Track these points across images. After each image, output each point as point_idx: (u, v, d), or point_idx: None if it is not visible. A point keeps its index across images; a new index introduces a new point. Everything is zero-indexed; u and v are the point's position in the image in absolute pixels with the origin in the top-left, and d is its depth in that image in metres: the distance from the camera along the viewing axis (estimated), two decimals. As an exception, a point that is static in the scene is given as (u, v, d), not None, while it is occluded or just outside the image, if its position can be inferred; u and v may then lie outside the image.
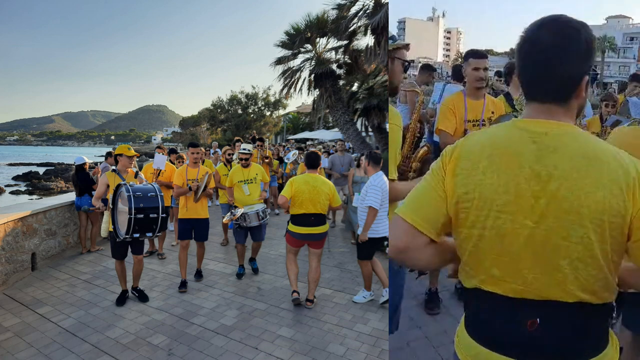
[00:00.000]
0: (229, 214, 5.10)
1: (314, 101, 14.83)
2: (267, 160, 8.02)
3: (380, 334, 3.73)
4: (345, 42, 13.66)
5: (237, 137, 9.49)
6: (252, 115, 39.69)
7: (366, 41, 21.44)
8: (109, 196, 4.26)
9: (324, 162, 7.75)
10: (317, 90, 14.27)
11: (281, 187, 8.77)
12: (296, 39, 13.83)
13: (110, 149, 7.88)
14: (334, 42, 14.27)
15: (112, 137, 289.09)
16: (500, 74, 5.00)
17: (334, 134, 20.92)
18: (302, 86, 14.60)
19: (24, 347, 3.45)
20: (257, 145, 8.01)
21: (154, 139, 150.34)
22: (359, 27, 13.08)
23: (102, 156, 10.97)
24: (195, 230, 4.95)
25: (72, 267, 5.63)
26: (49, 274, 5.33)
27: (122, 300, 4.39)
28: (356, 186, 6.35)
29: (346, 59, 14.29)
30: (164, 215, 4.01)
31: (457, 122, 3.06)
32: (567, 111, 1.15)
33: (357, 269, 5.15)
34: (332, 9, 13.24)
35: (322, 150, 13.18)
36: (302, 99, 79.26)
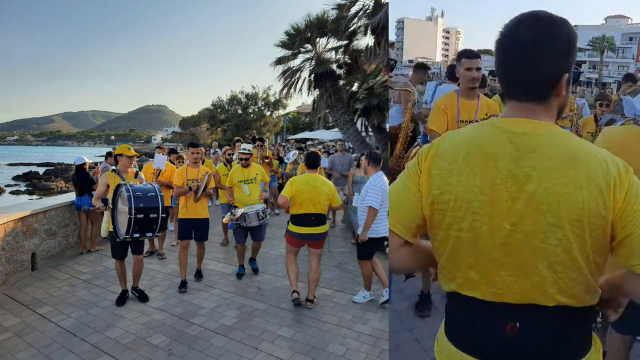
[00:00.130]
0: (229, 214, 5.10)
1: (314, 101, 14.83)
2: (267, 160, 8.02)
3: (380, 334, 3.73)
4: (345, 42, 13.66)
5: (237, 137, 9.49)
6: (252, 115, 39.70)
7: (366, 41, 21.48)
8: (109, 196, 4.26)
9: (324, 162, 7.74)
10: (317, 90, 14.27)
11: (281, 187, 8.77)
12: (296, 39, 13.83)
13: (110, 149, 7.88)
14: (334, 42, 14.30)
15: (112, 137, 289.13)
16: (495, 74, 4.98)
17: (334, 134, 20.93)
18: (302, 86, 14.62)
19: (24, 347, 3.45)
20: (257, 145, 8.01)
21: (154, 139, 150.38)
22: (359, 27, 13.08)
23: (102, 156, 10.97)
24: (195, 230, 4.95)
25: (72, 267, 5.63)
26: (49, 274, 5.33)
27: (122, 300, 4.39)
28: (356, 186, 6.35)
29: (346, 59, 14.29)
30: (164, 215, 4.01)
31: (450, 122, 3.02)
32: (546, 110, 1.11)
33: (357, 269, 5.15)
34: (332, 9, 13.26)
35: (322, 150, 13.18)
36: (302, 99, 79.27)
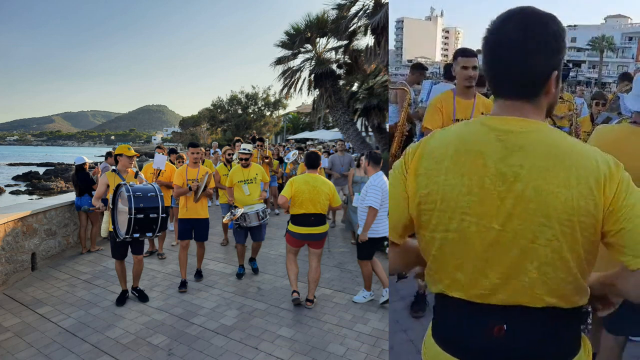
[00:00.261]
0: (229, 214, 5.10)
1: (314, 101, 14.83)
2: (267, 160, 8.02)
3: (380, 334, 3.73)
4: (345, 42, 13.66)
5: (237, 137, 9.49)
6: (252, 115, 39.71)
7: (366, 41, 21.48)
8: (109, 196, 4.26)
9: (324, 162, 7.74)
10: (317, 90, 14.27)
11: (281, 187, 8.77)
12: (296, 39, 13.83)
13: (110, 149, 7.88)
14: (334, 42, 14.30)
15: (112, 137, 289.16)
16: None
17: (334, 134, 20.93)
18: (302, 86, 14.63)
19: (24, 347, 3.45)
20: (257, 145, 8.01)
21: (154, 139, 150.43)
22: (359, 27, 13.08)
23: (102, 156, 10.97)
24: (195, 230, 4.95)
25: (72, 267, 5.63)
26: (49, 274, 5.33)
27: (122, 300, 4.39)
28: (356, 186, 6.35)
29: (346, 59, 14.30)
30: (164, 215, 4.01)
31: (445, 120, 3.00)
32: (535, 108, 1.08)
33: (357, 269, 5.15)
34: (332, 9, 13.27)
35: (322, 150, 13.18)
36: (302, 99, 79.27)
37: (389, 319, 3.94)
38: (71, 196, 6.68)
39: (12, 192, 23.05)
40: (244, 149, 5.26)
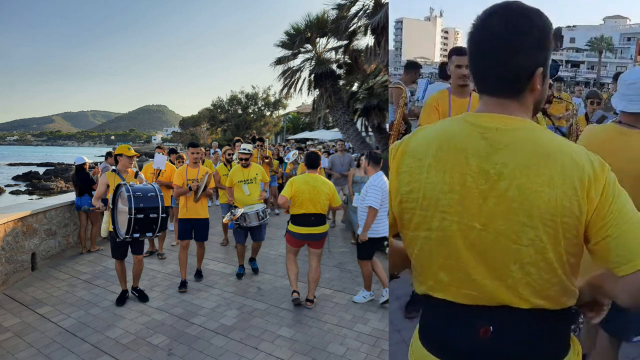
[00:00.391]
0: (229, 214, 5.10)
1: (314, 101, 14.84)
2: (267, 160, 8.02)
3: (380, 334, 3.73)
4: (345, 42, 13.67)
5: (237, 137, 9.49)
6: (252, 115, 39.72)
7: (366, 41, 21.49)
8: (109, 196, 4.26)
9: (324, 162, 7.75)
10: (317, 90, 14.28)
11: (281, 187, 8.77)
12: (296, 39, 13.83)
13: (110, 149, 7.89)
14: (334, 42, 14.31)
15: (112, 137, 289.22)
16: None
17: (334, 134, 20.94)
18: (302, 86, 14.64)
19: (24, 347, 3.45)
20: (257, 145, 8.01)
21: (154, 139, 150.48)
22: (359, 27, 13.09)
23: (102, 156, 10.98)
24: (195, 230, 4.95)
25: (72, 267, 5.63)
26: (49, 274, 5.33)
27: (122, 300, 4.39)
28: (356, 186, 6.35)
29: (346, 59, 14.30)
30: (164, 215, 4.01)
31: (441, 119, 3.02)
32: (521, 105, 1.05)
33: (357, 269, 5.15)
34: (332, 9, 13.28)
35: (322, 150, 13.18)
36: (302, 99, 79.31)
37: (388, 319, 3.94)
38: (71, 196, 6.68)
39: (12, 192, 23.06)
40: (244, 149, 5.26)
